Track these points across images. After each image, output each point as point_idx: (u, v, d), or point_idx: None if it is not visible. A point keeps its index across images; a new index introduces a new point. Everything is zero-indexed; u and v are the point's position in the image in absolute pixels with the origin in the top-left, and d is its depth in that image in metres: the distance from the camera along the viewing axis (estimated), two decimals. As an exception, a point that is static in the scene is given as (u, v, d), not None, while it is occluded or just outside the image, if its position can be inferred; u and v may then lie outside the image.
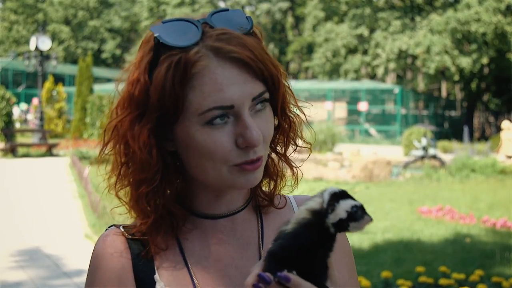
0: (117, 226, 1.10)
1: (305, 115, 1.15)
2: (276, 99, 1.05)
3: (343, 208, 0.89)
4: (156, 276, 1.06)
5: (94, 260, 1.08)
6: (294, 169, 1.16)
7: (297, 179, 1.17)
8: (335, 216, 0.89)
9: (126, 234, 1.08)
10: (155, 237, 1.05)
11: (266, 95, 1.02)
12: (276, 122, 1.09)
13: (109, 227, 1.12)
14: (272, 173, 1.14)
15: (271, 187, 1.15)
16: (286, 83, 1.09)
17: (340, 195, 0.90)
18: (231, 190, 1.09)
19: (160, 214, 1.05)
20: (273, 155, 1.14)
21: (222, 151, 0.99)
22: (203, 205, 1.09)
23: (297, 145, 1.15)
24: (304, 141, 1.16)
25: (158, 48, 0.99)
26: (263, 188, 1.15)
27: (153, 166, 1.02)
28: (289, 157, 1.16)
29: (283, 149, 1.14)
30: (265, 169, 1.10)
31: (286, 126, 1.11)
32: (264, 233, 1.12)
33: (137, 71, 1.01)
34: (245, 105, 0.98)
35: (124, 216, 1.10)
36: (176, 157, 1.06)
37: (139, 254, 1.06)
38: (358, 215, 0.89)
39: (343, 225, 0.89)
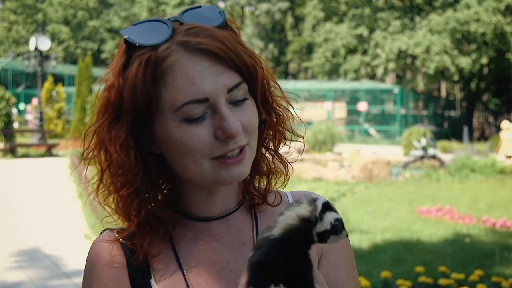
0: (112, 230, 1.09)
1: (293, 108, 1.13)
2: (255, 90, 1.03)
3: (328, 219, 0.89)
4: (152, 281, 1.05)
5: (89, 266, 1.07)
6: (287, 165, 1.15)
7: (287, 175, 1.15)
8: (321, 226, 0.88)
9: (120, 239, 1.07)
10: (142, 242, 1.04)
11: (244, 86, 1.01)
12: (263, 117, 1.07)
13: (103, 230, 1.11)
14: (263, 170, 1.13)
15: (264, 184, 1.14)
16: (269, 75, 1.07)
17: (328, 206, 0.90)
18: (222, 189, 1.07)
19: (145, 218, 1.03)
20: (263, 151, 1.12)
21: (201, 145, 0.98)
22: (195, 207, 1.08)
23: (286, 139, 1.13)
24: (294, 134, 1.14)
25: (129, 50, 0.99)
26: (256, 186, 1.14)
27: (132, 168, 1.01)
28: (287, 155, 1.15)
29: (273, 145, 1.13)
30: (256, 166, 1.10)
31: (274, 120, 1.10)
32: (259, 232, 1.10)
33: (113, 76, 1.01)
34: (220, 97, 0.97)
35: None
36: (161, 160, 1.05)
37: (135, 259, 1.05)
38: (338, 229, 0.89)
39: (324, 236, 0.89)
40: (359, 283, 1.22)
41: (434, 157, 17.94)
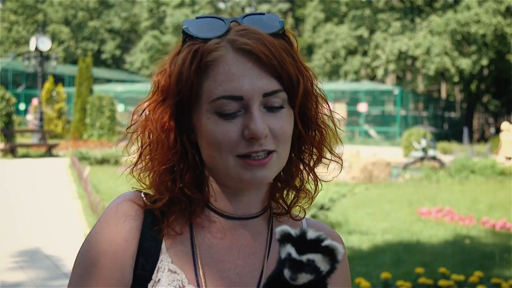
0: (140, 191, 1.12)
1: (337, 128, 1.16)
2: (294, 101, 1.06)
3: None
4: (163, 249, 1.07)
5: (107, 212, 1.09)
6: (317, 184, 1.18)
7: (315, 193, 1.18)
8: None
9: (146, 201, 1.10)
10: (169, 217, 1.08)
11: (282, 95, 1.03)
12: (300, 130, 1.09)
13: (132, 189, 1.14)
14: (295, 184, 1.15)
15: (291, 197, 1.16)
16: (317, 91, 1.12)
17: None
18: (249, 191, 1.09)
19: (176, 196, 1.07)
20: (300, 166, 1.14)
21: (228, 140, 1.01)
22: (220, 202, 1.10)
23: (323, 157, 1.16)
24: (333, 154, 1.16)
25: (184, 40, 1.06)
26: (284, 198, 1.16)
27: (170, 148, 1.06)
28: (324, 173, 1.17)
29: (310, 161, 1.15)
30: (289, 179, 1.13)
31: (314, 136, 1.12)
32: (271, 245, 1.12)
33: (167, 62, 1.07)
34: (255, 99, 1.01)
35: None
36: (197, 149, 1.08)
37: (151, 223, 1.08)
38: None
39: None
40: None
41: (434, 158, 17.95)
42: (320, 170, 1.18)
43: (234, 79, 1.00)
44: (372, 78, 46.62)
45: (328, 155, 1.16)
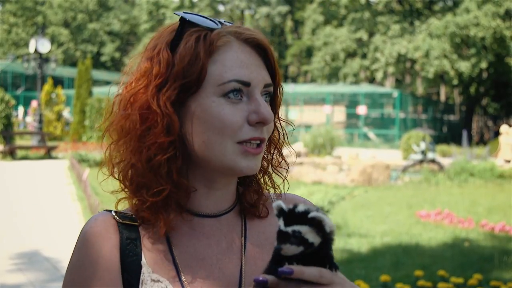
0: (109, 211, 1.12)
1: (285, 134, 1.20)
2: (276, 100, 1.14)
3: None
4: (143, 261, 1.07)
5: (82, 237, 1.09)
6: (277, 182, 1.21)
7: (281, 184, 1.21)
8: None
9: (117, 218, 1.09)
10: (167, 214, 1.07)
11: (271, 89, 1.10)
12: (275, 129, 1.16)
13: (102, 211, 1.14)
14: (259, 181, 1.19)
15: (255, 196, 1.17)
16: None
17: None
18: (223, 186, 1.11)
19: (174, 185, 1.05)
20: (264, 165, 1.17)
21: (233, 124, 1.03)
22: (193, 201, 1.10)
23: (283, 158, 1.19)
24: (282, 158, 1.20)
25: (182, 28, 1.07)
26: (252, 194, 1.18)
27: (174, 132, 1.04)
28: (287, 158, 1.21)
29: (272, 160, 1.19)
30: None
31: (279, 137, 1.18)
32: (247, 237, 1.14)
33: (155, 50, 1.07)
34: (259, 88, 1.06)
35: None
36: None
37: (128, 238, 1.07)
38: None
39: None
40: None
41: (433, 161, 17.96)
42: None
43: (243, 65, 1.05)
44: (371, 80, 46.64)
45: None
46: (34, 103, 28.54)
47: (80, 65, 27.48)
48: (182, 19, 1.07)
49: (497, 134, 31.55)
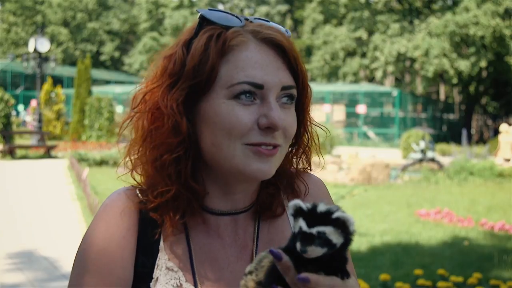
0: (135, 187, 1.10)
1: (318, 140, 1.18)
2: (301, 101, 1.08)
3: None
4: (161, 246, 1.06)
5: (103, 210, 1.08)
6: (304, 185, 1.19)
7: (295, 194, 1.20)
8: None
9: (141, 197, 1.08)
10: (167, 214, 1.05)
11: (294, 92, 1.05)
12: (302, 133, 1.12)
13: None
14: (280, 184, 1.16)
15: (272, 198, 1.16)
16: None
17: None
18: (240, 187, 1.08)
19: (182, 186, 1.04)
20: (288, 168, 1.16)
21: (241, 126, 0.99)
22: (212, 199, 1.09)
23: (310, 165, 1.19)
24: (308, 165, 1.19)
25: (201, 26, 1.04)
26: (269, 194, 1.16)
27: (182, 132, 1.02)
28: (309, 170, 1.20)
29: (295, 164, 1.17)
30: (277, 179, 1.13)
31: (305, 140, 1.14)
32: (259, 241, 1.12)
33: (174, 49, 1.05)
34: (274, 91, 1.01)
35: None
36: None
37: (147, 221, 1.06)
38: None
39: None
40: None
41: (432, 160, 17.95)
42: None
43: (257, 66, 1.00)
44: (371, 79, 46.63)
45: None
46: (33, 102, 28.51)
47: (79, 64, 27.46)
48: (201, 17, 1.04)
49: (496, 133, 31.57)
